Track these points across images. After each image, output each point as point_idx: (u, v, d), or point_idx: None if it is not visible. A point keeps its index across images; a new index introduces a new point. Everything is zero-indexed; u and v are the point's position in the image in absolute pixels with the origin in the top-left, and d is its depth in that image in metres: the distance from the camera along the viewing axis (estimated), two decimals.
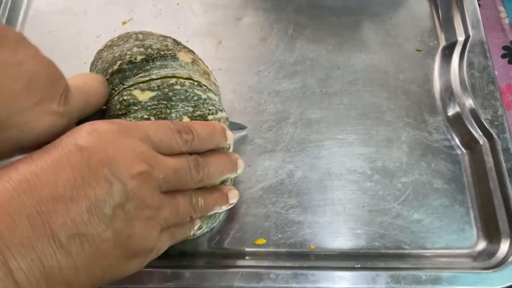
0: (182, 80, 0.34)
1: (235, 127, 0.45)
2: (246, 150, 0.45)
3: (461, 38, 0.50)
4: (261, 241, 0.41)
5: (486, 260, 0.39)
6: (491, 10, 0.55)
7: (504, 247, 0.39)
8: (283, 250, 0.41)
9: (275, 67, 0.50)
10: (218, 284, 0.36)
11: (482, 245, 0.41)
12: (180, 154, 0.31)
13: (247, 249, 0.41)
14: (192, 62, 0.38)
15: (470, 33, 0.49)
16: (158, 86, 0.33)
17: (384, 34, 0.52)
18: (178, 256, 0.39)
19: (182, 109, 0.33)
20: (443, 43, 0.52)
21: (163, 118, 0.33)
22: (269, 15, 0.53)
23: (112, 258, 0.26)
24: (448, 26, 0.52)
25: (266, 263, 0.39)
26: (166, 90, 0.33)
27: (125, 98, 0.32)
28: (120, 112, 0.32)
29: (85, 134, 0.26)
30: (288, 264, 0.39)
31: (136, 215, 0.26)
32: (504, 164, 0.42)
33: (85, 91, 0.32)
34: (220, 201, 0.35)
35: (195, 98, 0.34)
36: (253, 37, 0.52)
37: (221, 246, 0.41)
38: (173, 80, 0.33)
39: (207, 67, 0.40)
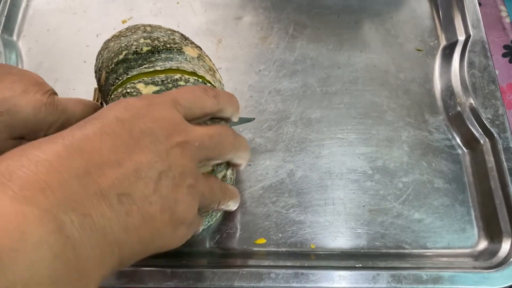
0: (186, 76, 0.34)
1: (242, 121, 0.44)
2: None
3: (461, 37, 0.50)
4: (261, 240, 0.41)
5: (488, 260, 0.39)
6: (492, 9, 0.55)
7: (505, 246, 0.39)
8: (284, 249, 0.41)
9: (276, 66, 0.50)
10: (218, 284, 0.36)
11: (483, 244, 0.41)
12: (212, 120, 0.32)
13: (247, 249, 0.40)
14: (198, 57, 0.38)
15: (471, 32, 0.49)
16: (162, 81, 0.33)
17: (385, 34, 0.52)
18: (178, 255, 0.39)
19: None
20: (443, 42, 0.52)
21: None
22: (269, 15, 0.53)
23: (160, 223, 0.26)
24: (448, 25, 0.52)
25: (266, 263, 0.39)
26: (170, 85, 0.33)
27: (128, 91, 0.32)
28: None
29: (122, 109, 0.27)
30: (288, 264, 0.39)
31: (180, 181, 0.27)
32: (505, 164, 0.41)
33: (72, 99, 0.37)
34: (235, 195, 0.36)
35: None
36: (253, 36, 0.52)
37: (221, 245, 0.41)
38: (177, 76, 0.33)
39: (214, 64, 0.40)
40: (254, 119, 0.45)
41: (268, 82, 0.49)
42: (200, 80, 0.34)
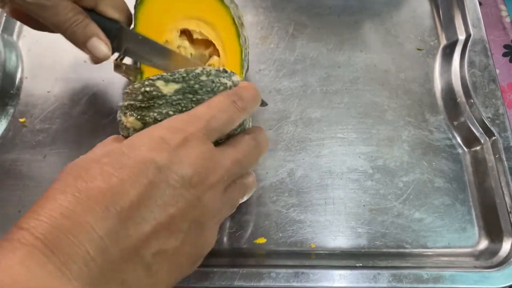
0: (208, 69, 0.32)
1: None
2: None
3: (462, 37, 0.50)
4: (262, 240, 0.41)
5: (488, 259, 0.39)
6: (492, 9, 0.55)
7: (506, 246, 0.39)
8: (284, 249, 0.40)
9: (276, 66, 0.50)
10: (218, 283, 0.36)
11: (484, 244, 0.41)
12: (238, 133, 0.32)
13: (247, 248, 0.40)
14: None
15: (471, 32, 0.48)
16: (183, 77, 0.31)
17: (385, 33, 0.52)
18: None
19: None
20: (443, 42, 0.52)
21: None
22: (270, 14, 0.53)
23: (185, 267, 0.27)
24: (448, 25, 0.52)
25: (266, 262, 0.39)
26: (192, 82, 0.31)
27: (147, 89, 0.31)
28: (143, 105, 0.31)
29: (158, 149, 0.26)
30: (288, 263, 0.38)
31: (209, 223, 0.28)
32: (505, 163, 0.41)
33: None
34: (253, 186, 0.35)
35: (221, 88, 0.32)
36: (253, 36, 0.52)
37: (221, 245, 0.40)
38: (199, 70, 0.32)
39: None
40: (267, 104, 0.43)
41: (268, 82, 0.49)
42: (222, 68, 0.33)
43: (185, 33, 0.43)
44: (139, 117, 0.31)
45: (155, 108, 0.31)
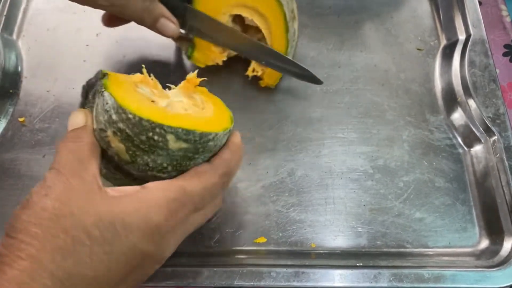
0: (219, 135, 0.32)
1: (308, 78, 0.46)
2: (247, 149, 0.44)
3: (462, 37, 0.50)
4: (262, 239, 0.41)
5: (489, 259, 0.39)
6: (492, 9, 0.55)
7: (507, 245, 0.39)
8: (284, 248, 0.40)
9: None
10: (218, 283, 0.36)
11: (484, 243, 0.41)
12: None
13: (247, 248, 0.40)
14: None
15: (471, 32, 0.48)
16: (195, 140, 0.30)
17: (385, 33, 0.52)
18: (178, 254, 0.39)
19: (201, 159, 0.32)
20: (444, 42, 0.52)
21: (181, 170, 0.31)
22: None
23: None
24: (449, 25, 0.52)
25: (266, 262, 0.39)
26: (199, 146, 0.31)
27: (155, 138, 0.29)
28: (141, 146, 0.30)
29: (150, 237, 0.28)
30: (289, 263, 0.38)
31: None
32: (506, 162, 0.41)
33: None
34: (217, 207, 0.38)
35: (217, 148, 0.33)
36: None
37: (221, 244, 0.40)
38: (211, 136, 0.31)
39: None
40: (322, 82, 0.46)
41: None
42: (229, 129, 0.33)
43: (237, 20, 0.45)
44: (131, 152, 0.30)
45: (152, 155, 0.30)
